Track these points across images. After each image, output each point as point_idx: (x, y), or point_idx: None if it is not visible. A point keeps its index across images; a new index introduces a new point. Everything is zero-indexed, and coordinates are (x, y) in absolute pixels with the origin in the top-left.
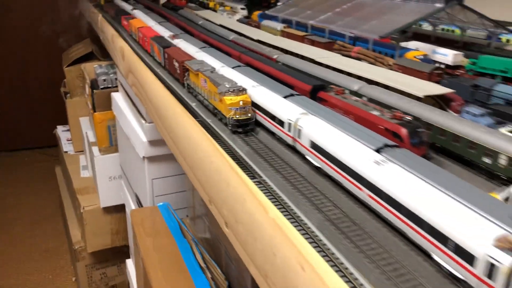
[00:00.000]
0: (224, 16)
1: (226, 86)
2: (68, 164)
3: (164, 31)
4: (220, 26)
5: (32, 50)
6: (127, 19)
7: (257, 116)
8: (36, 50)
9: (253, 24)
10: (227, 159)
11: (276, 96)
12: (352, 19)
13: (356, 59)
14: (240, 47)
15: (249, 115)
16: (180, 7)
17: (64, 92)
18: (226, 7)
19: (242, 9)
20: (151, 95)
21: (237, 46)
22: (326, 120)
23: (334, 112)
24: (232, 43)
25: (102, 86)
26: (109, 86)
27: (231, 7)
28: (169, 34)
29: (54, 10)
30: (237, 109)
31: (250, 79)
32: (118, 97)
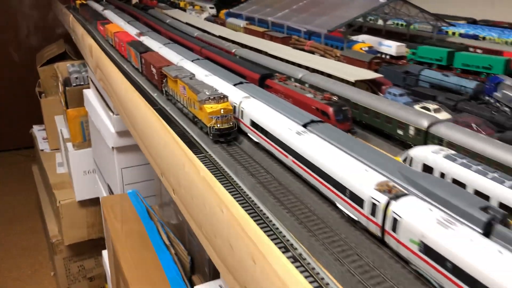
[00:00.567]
0: (193, 15)
1: (206, 94)
2: (44, 162)
3: (132, 30)
4: (187, 24)
5: (4, 52)
6: (103, 24)
7: None
8: (8, 52)
9: (219, 22)
10: (173, 135)
11: (226, 84)
12: (307, 15)
13: (310, 52)
14: (202, 42)
15: (231, 124)
16: (151, 7)
17: (39, 92)
18: (196, 6)
19: (211, 8)
20: (116, 88)
21: (199, 42)
22: (266, 102)
23: (274, 96)
24: (196, 40)
25: (75, 84)
26: (81, 84)
27: (201, 7)
28: (136, 32)
29: (27, 12)
30: (218, 118)
31: (205, 70)
32: (90, 94)
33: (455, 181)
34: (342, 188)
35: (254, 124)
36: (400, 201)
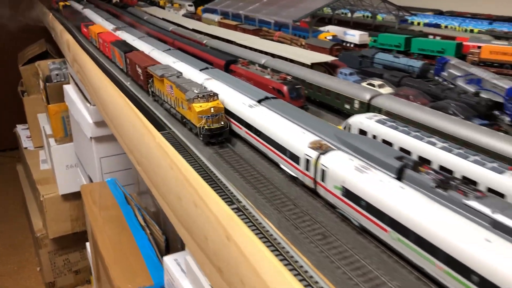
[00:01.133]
0: (171, 12)
1: (195, 92)
2: (28, 159)
3: (109, 26)
4: (163, 20)
5: None
6: (87, 26)
7: None
8: None
9: (196, 18)
10: (139, 114)
11: (192, 69)
12: (276, 8)
13: (278, 42)
14: (175, 35)
15: (222, 123)
16: (131, 6)
17: (22, 91)
18: (175, 4)
19: (190, 6)
20: (90, 78)
21: (172, 35)
22: (226, 83)
23: (235, 78)
24: (170, 33)
25: (55, 80)
26: (62, 80)
27: (180, 4)
28: (112, 27)
29: (8, 13)
30: (208, 117)
31: (174, 58)
32: (70, 89)
33: (385, 141)
34: (284, 150)
35: None
36: (328, 155)
